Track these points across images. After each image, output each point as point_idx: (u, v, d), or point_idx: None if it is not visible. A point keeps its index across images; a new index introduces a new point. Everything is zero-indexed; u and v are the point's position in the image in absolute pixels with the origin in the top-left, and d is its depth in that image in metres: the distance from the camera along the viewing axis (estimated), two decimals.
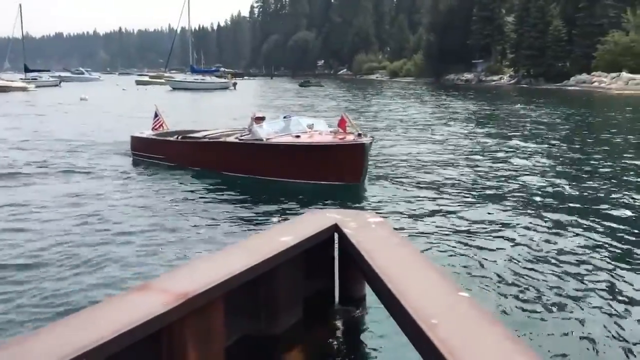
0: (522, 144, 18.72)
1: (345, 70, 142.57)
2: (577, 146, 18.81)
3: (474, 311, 3.41)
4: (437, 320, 3.21)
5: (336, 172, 11.36)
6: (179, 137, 14.96)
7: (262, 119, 13.27)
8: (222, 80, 79.09)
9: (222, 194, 11.44)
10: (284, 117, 13.90)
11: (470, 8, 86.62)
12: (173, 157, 14.49)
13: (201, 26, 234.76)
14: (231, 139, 13.52)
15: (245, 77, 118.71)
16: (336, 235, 5.34)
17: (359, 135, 11.48)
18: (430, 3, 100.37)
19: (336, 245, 5.50)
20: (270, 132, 12.44)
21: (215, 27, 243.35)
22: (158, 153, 14.99)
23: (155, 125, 16.94)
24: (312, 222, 5.34)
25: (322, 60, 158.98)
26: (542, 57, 70.10)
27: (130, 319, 3.18)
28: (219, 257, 4.52)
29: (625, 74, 56.39)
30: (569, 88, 61.63)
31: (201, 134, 15.21)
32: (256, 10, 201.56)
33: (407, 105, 39.56)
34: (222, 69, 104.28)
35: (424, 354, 3.14)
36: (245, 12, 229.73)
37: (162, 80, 79.96)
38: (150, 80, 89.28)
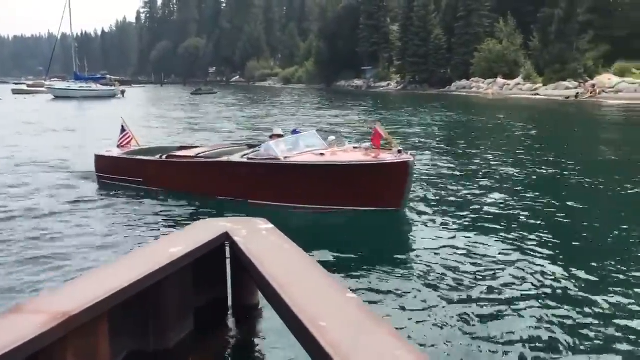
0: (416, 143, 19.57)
1: (237, 77, 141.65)
2: (455, 146, 19.94)
3: (361, 312, 3.53)
4: (325, 323, 3.28)
5: (374, 196, 9.74)
6: (163, 156, 12.63)
7: (280, 136, 11.40)
8: (109, 88, 75.77)
9: None
10: (293, 132, 11.96)
11: (357, 17, 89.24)
12: (155, 180, 12.36)
13: (84, 32, 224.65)
14: (236, 158, 11.36)
15: (133, 85, 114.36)
16: (227, 244, 5.30)
17: (399, 152, 9.80)
18: (319, 11, 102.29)
19: (228, 254, 5.45)
20: (286, 149, 10.57)
21: (99, 33, 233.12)
22: (134, 175, 12.81)
23: (123, 142, 14.52)
24: (202, 231, 5.27)
25: (214, 68, 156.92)
26: (425, 64, 73.59)
27: (1, 344, 2.97)
28: (102, 273, 4.33)
29: (500, 80, 60.48)
30: (451, 93, 65.16)
31: (191, 151, 12.94)
32: (143, 16, 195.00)
33: (307, 111, 40.00)
34: (109, 76, 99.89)
35: (314, 356, 3.19)
36: (131, 18, 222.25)
37: (43, 89, 75.14)
38: (30, 89, 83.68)
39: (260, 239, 5.07)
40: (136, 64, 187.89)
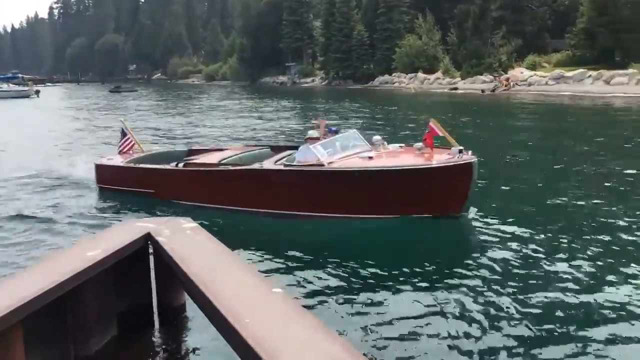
0: None
1: (159, 74, 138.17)
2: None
3: (286, 306, 3.55)
4: (250, 319, 3.28)
5: (435, 201, 8.95)
6: (179, 164, 11.31)
7: (316, 140, 10.16)
8: (22, 87, 71.88)
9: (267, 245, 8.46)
10: (331, 130, 10.81)
11: (280, 12, 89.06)
12: (170, 191, 10.94)
13: None
14: (269, 164, 10.07)
15: (48, 84, 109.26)
16: (150, 245, 5.18)
17: (460, 151, 8.86)
18: (241, 7, 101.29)
19: (151, 255, 5.33)
20: (329, 153, 9.57)
21: (9, 30, 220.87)
22: (144, 186, 11.42)
23: (124, 147, 13.18)
24: (122, 233, 5.12)
25: (134, 65, 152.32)
26: (349, 60, 74.41)
27: None
28: (15, 281, 4.14)
29: (420, 74, 62.15)
30: (375, 88, 66.26)
31: (210, 157, 11.54)
32: (56, 12, 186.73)
33: (237, 108, 39.55)
34: (20, 75, 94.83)
35: (239, 352, 3.19)
36: (43, 13, 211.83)
37: None
38: None
39: (184, 239, 4.99)
40: (50, 62, 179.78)
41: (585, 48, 49.92)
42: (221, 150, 12.71)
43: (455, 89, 54.63)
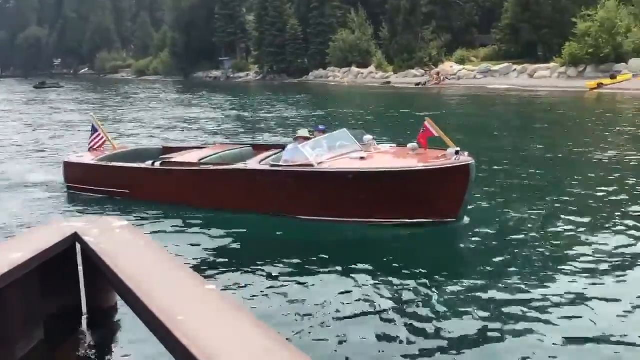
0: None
1: (86, 69, 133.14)
2: None
3: (220, 302, 3.53)
4: (183, 317, 3.24)
5: (431, 205, 8.55)
6: (155, 162, 10.72)
7: (306, 139, 9.76)
8: None
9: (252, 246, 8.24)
10: (318, 129, 10.48)
11: (212, 6, 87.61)
12: (146, 191, 10.50)
13: None
14: (254, 164, 9.69)
15: None
16: (78, 246, 5.02)
17: (457, 152, 8.44)
18: (172, 1, 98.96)
19: (79, 256, 5.17)
20: (318, 153, 9.13)
21: None
22: (118, 186, 10.86)
23: (95, 144, 12.41)
24: (47, 234, 4.94)
25: (59, 59, 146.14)
26: (283, 54, 74.19)
27: None
28: None
29: (354, 69, 62.78)
30: (310, 82, 66.43)
31: (189, 155, 11.03)
32: None
33: (167, 104, 38.66)
34: None
35: (173, 351, 3.15)
36: None
37: None
38: None
39: (113, 238, 4.86)
40: None
41: (510, 43, 51.97)
42: (198, 148, 12.23)
43: (388, 83, 55.55)
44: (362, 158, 8.90)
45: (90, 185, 11.28)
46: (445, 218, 8.59)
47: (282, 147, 10.53)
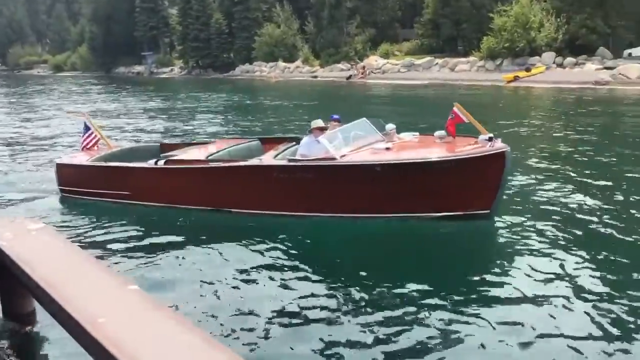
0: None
1: None
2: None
3: (142, 301, 3.48)
4: (104, 319, 3.17)
5: (460, 198, 8.05)
6: (159, 161, 9.84)
7: (323, 130, 9.06)
8: None
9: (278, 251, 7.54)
10: (333, 118, 9.77)
11: None
12: (150, 193, 9.73)
13: None
14: (268, 159, 9.00)
15: None
16: None
17: (490, 139, 7.92)
18: None
19: None
20: (337, 145, 8.52)
21: None
22: (118, 188, 10.05)
23: (88, 143, 11.74)
24: None
25: None
26: (208, 49, 72.98)
27: None
28: None
29: (281, 63, 62.66)
30: (236, 77, 65.72)
31: (195, 152, 10.37)
32: None
33: (97, 101, 37.15)
34: None
35: (94, 354, 3.08)
36: None
37: None
38: None
39: (29, 240, 4.68)
40: None
41: (432, 37, 53.46)
42: (199, 144, 11.62)
43: (315, 77, 55.87)
44: (387, 149, 8.36)
45: (85, 188, 10.48)
46: (478, 211, 8.09)
47: (294, 139, 10.09)
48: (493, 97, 32.34)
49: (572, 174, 11.62)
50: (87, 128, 11.89)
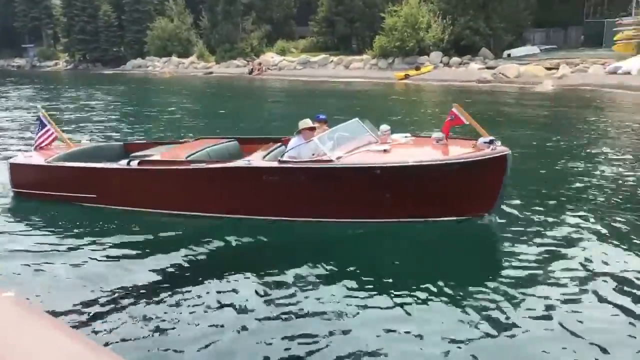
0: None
1: None
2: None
3: (18, 309, 3.30)
4: None
5: (461, 202, 7.83)
6: (132, 162, 9.09)
7: (312, 130, 8.60)
8: None
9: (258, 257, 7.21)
10: (319, 118, 9.30)
11: None
12: (119, 196, 9.10)
13: None
14: (257, 161, 8.38)
15: None
16: None
17: (491, 142, 7.68)
18: None
19: None
20: (331, 146, 8.10)
21: None
22: (82, 190, 9.34)
23: (43, 141, 10.77)
24: None
25: None
26: (96, 42, 69.80)
27: None
28: None
29: (175, 58, 61.15)
30: (127, 72, 63.28)
31: (169, 154, 9.58)
32: None
33: None
34: None
35: None
36: None
37: None
38: None
39: None
40: None
41: (327, 35, 54.38)
42: (171, 144, 10.86)
43: (211, 73, 54.99)
44: (385, 151, 8.12)
45: (43, 190, 9.75)
46: (477, 216, 7.98)
47: (277, 140, 9.68)
48: (386, 93, 33.44)
49: None
50: (42, 125, 10.98)
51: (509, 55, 41.06)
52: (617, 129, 17.20)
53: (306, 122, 8.71)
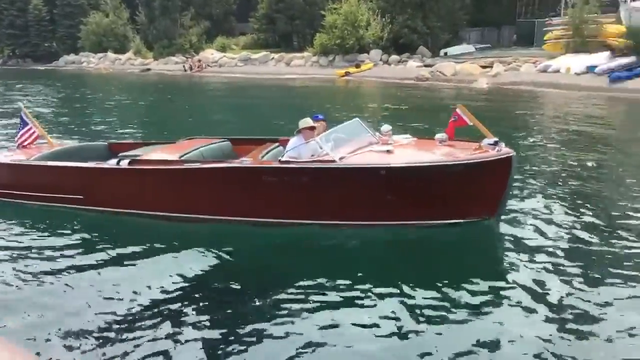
0: None
1: None
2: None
3: None
4: None
5: (465, 204, 7.64)
6: (122, 161, 8.71)
7: (312, 129, 8.32)
8: None
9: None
10: (317, 118, 8.94)
11: None
12: (109, 197, 8.79)
13: None
14: (256, 161, 8.17)
15: None
16: None
17: (496, 143, 7.53)
18: None
19: None
20: (333, 146, 7.84)
21: None
22: (68, 191, 8.97)
23: (25, 139, 10.49)
24: None
25: None
26: (26, 37, 66.84)
27: None
28: None
29: (111, 54, 59.34)
30: (61, 68, 60.95)
31: (161, 153, 9.07)
32: None
33: None
34: None
35: None
36: None
37: None
38: None
39: None
40: None
41: (267, 32, 54.02)
42: (160, 144, 10.37)
43: (148, 69, 53.73)
44: (388, 151, 7.88)
45: (25, 191, 9.41)
46: (481, 218, 7.85)
47: (273, 140, 9.42)
48: (328, 89, 33.71)
49: None
50: (24, 123, 10.67)
51: (445, 53, 42.02)
52: (549, 121, 18.08)
53: (307, 122, 8.49)
